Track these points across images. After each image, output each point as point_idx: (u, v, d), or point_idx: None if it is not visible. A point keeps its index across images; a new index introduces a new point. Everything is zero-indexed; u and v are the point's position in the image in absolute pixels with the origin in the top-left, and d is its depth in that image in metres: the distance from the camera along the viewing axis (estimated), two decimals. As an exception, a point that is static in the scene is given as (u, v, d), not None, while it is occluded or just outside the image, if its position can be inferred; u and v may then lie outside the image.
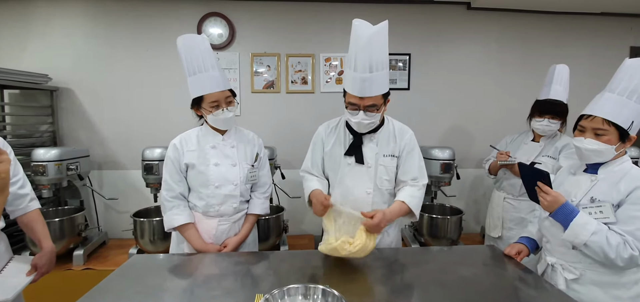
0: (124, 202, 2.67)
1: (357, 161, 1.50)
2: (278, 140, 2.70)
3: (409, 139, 1.54)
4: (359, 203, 1.49)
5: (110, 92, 2.63)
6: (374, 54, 1.29)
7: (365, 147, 1.51)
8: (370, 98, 1.35)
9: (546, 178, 1.23)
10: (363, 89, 1.33)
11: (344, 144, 1.55)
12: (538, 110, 1.97)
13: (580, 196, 1.23)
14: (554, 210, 1.21)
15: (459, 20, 2.75)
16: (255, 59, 2.68)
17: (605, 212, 1.14)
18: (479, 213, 2.94)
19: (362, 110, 1.37)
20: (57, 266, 2.16)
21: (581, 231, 1.13)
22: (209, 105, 1.49)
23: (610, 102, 1.15)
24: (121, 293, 1.12)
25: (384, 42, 1.32)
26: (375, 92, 1.34)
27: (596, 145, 1.17)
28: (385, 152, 1.51)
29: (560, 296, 1.11)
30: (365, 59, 1.29)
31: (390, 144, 1.52)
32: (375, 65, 1.31)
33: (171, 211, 1.54)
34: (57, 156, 2.16)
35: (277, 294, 1.00)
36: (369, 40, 1.28)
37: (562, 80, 1.95)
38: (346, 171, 1.53)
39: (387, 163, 1.51)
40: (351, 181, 1.52)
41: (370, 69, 1.30)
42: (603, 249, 1.10)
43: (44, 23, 2.55)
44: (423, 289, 1.17)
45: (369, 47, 1.28)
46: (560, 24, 2.79)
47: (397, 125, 1.57)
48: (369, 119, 1.39)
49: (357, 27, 1.32)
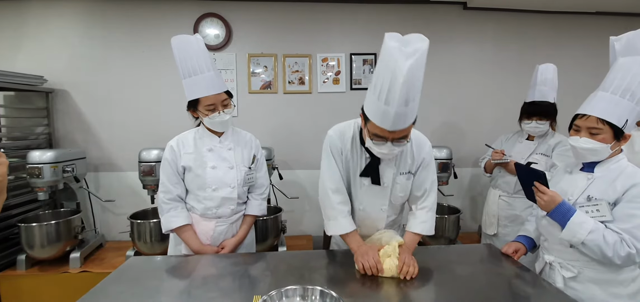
0: (120, 205, 2.65)
1: (374, 182, 1.37)
2: (275, 141, 2.70)
3: (427, 153, 1.41)
4: (372, 219, 1.46)
5: (106, 93, 2.61)
6: (413, 86, 1.06)
7: (383, 168, 1.37)
8: (402, 130, 1.15)
9: (542, 178, 1.24)
10: (396, 123, 1.11)
11: (360, 162, 1.38)
12: (526, 112, 2.01)
13: (576, 194, 1.24)
14: (551, 209, 1.21)
15: (455, 20, 2.76)
16: (252, 60, 2.68)
17: (601, 210, 1.15)
18: (476, 212, 2.95)
19: (390, 141, 1.18)
20: (54, 268, 2.17)
21: (578, 230, 1.14)
22: (204, 108, 1.48)
23: (604, 101, 1.16)
24: (118, 295, 1.11)
25: (423, 67, 1.07)
26: (408, 123, 1.14)
27: (591, 144, 1.17)
28: (403, 170, 1.39)
29: (558, 294, 1.12)
30: (402, 92, 1.04)
31: (408, 160, 1.39)
32: (412, 96, 1.08)
33: (169, 212, 1.53)
34: (53, 158, 2.14)
35: (275, 295, 0.99)
36: (410, 71, 1.01)
37: (546, 80, 1.95)
38: (361, 191, 1.42)
39: (404, 182, 1.40)
40: (366, 199, 1.43)
41: (406, 102, 1.07)
42: (600, 248, 1.11)
43: (39, 24, 2.53)
44: (422, 288, 1.17)
45: (410, 78, 1.03)
46: (555, 23, 2.81)
47: (415, 137, 1.39)
48: (398, 148, 1.22)
49: (393, 52, 1.03)
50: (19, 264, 2.14)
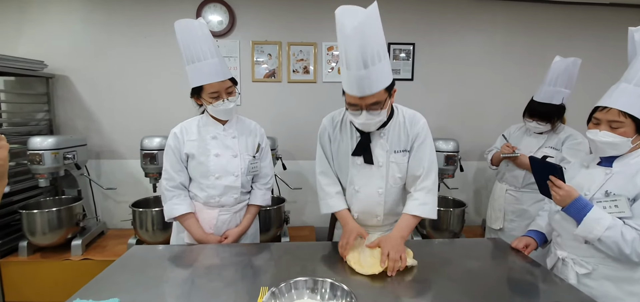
0: (122, 192, 2.63)
1: (366, 161, 1.37)
2: (279, 131, 2.66)
3: (421, 128, 1.37)
4: (370, 203, 1.42)
5: (108, 79, 2.57)
6: (366, 46, 1.09)
7: (375, 145, 1.36)
8: (372, 96, 1.16)
9: (559, 172, 1.19)
10: (361, 87, 1.15)
11: (351, 142, 1.40)
12: (528, 110, 1.98)
13: (594, 189, 1.20)
14: (567, 205, 1.17)
15: (465, 9, 2.69)
16: (256, 48, 2.63)
17: (620, 206, 1.11)
18: (481, 205, 2.92)
19: (365, 109, 1.20)
20: (56, 256, 2.15)
21: (595, 226, 1.10)
22: (208, 95, 1.45)
23: (627, 93, 1.11)
24: (121, 284, 1.09)
25: (376, 28, 1.12)
26: (375, 88, 1.15)
27: (612, 138, 1.13)
28: (397, 148, 1.37)
29: (569, 290, 1.09)
30: (356, 53, 1.10)
31: (402, 137, 1.37)
32: (371, 58, 1.11)
33: (171, 200, 1.51)
34: (54, 145, 2.11)
35: (283, 287, 0.96)
36: (356, 31, 1.08)
37: (557, 78, 1.85)
38: (355, 172, 1.40)
39: (399, 160, 1.38)
40: (361, 181, 1.40)
41: (365, 64, 1.11)
42: (618, 244, 1.08)
43: (40, 8, 2.47)
44: (431, 282, 1.15)
45: (359, 38, 1.09)
46: (568, 15, 2.74)
47: (408, 114, 1.39)
48: (374, 118, 1.22)
49: (341, 17, 1.11)
50: (21, 250, 2.14)
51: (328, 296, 0.97)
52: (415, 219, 1.35)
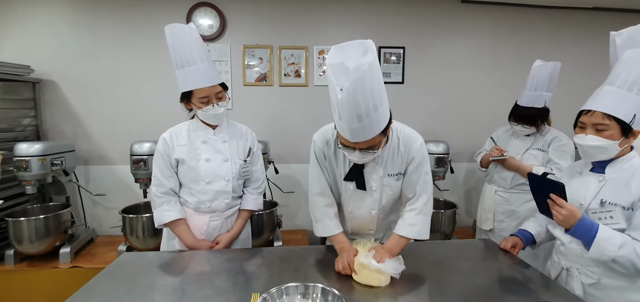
0: (112, 198, 2.59)
1: (359, 187, 1.32)
2: (271, 135, 2.66)
3: (417, 152, 1.30)
4: (364, 222, 1.42)
5: (96, 84, 2.54)
6: (360, 104, 1.00)
7: (368, 171, 1.31)
8: (367, 142, 1.11)
9: (561, 190, 1.13)
10: (355, 136, 1.08)
11: (343, 167, 1.34)
12: (512, 114, 2.03)
13: (589, 198, 1.17)
14: (571, 226, 1.12)
15: (453, 13, 2.74)
16: (247, 51, 2.62)
17: (615, 217, 1.09)
18: (471, 206, 2.96)
19: (358, 150, 1.14)
20: (44, 264, 2.11)
21: (607, 247, 1.06)
22: (198, 100, 1.44)
23: (611, 96, 1.10)
24: (111, 293, 1.08)
25: (371, 82, 1.00)
26: (370, 135, 1.08)
27: (599, 141, 1.11)
28: (391, 171, 1.32)
29: (556, 289, 1.11)
30: (350, 112, 1.02)
31: (397, 160, 1.32)
32: (366, 113, 1.02)
33: (161, 206, 1.50)
34: (41, 151, 2.07)
35: (275, 293, 0.96)
36: (348, 93, 0.98)
37: (538, 83, 1.90)
38: (348, 194, 1.37)
39: (393, 183, 1.34)
40: (354, 203, 1.38)
41: (359, 118, 1.03)
42: (633, 262, 1.04)
43: (25, 12, 2.43)
44: (422, 283, 1.16)
45: (352, 101, 0.99)
46: (551, 19, 2.80)
47: (404, 136, 1.31)
48: (368, 156, 1.17)
49: (331, 74, 1.02)
50: (7, 259, 2.09)
51: (319, 300, 0.97)
52: (404, 239, 1.30)
